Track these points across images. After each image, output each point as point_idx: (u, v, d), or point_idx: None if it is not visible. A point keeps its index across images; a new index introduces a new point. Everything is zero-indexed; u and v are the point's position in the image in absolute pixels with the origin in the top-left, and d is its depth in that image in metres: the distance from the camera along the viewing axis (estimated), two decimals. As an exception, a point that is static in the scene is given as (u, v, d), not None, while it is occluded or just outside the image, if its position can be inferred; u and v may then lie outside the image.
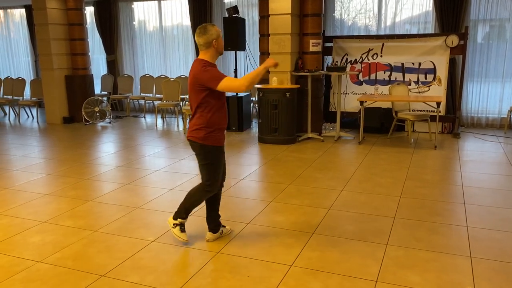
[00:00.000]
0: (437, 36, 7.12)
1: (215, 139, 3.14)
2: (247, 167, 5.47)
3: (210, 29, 3.05)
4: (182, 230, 3.32)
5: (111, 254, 3.19)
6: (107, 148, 6.66)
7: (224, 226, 3.52)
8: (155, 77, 9.63)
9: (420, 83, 7.31)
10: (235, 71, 7.83)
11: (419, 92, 7.31)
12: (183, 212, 3.31)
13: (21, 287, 2.77)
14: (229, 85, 3.00)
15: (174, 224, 3.32)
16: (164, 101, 8.57)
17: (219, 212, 3.46)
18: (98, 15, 9.96)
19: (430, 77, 7.25)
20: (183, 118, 8.33)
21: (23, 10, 11.04)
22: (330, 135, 7.13)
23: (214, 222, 3.41)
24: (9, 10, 11.42)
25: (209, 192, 3.23)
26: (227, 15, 7.47)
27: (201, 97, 3.05)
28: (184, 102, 8.94)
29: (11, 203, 4.28)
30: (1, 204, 4.24)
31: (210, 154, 3.14)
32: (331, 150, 6.29)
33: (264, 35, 7.25)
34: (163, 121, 8.93)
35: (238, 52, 7.80)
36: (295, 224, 3.69)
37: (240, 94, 7.73)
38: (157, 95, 9.37)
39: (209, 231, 3.40)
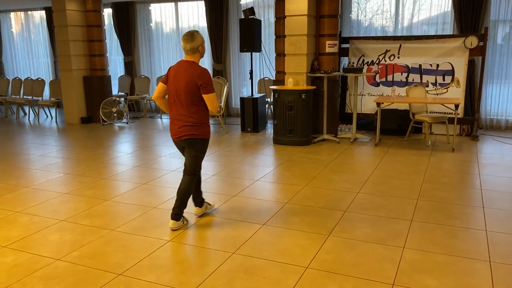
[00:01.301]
0: (456, 37, 7.03)
1: (209, 133, 3.57)
2: (262, 168, 5.47)
3: (196, 36, 3.38)
4: (185, 218, 3.74)
5: (128, 253, 3.22)
6: (124, 148, 6.73)
7: (209, 203, 4.00)
8: (171, 78, 9.69)
9: (438, 84, 7.22)
10: (251, 72, 7.85)
11: (437, 94, 7.22)
12: (183, 209, 3.66)
13: (40, 284, 2.82)
14: (210, 101, 3.39)
15: (182, 222, 3.68)
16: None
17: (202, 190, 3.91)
18: (116, 16, 10.09)
19: (448, 78, 7.15)
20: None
21: (43, 12, 11.24)
22: (346, 137, 7.09)
23: (200, 198, 3.87)
24: (29, 12, 11.65)
25: (195, 178, 3.65)
26: (243, 17, 7.50)
27: (198, 94, 3.36)
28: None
29: (31, 201, 4.36)
30: (21, 203, 4.33)
31: (206, 146, 3.58)
32: (347, 152, 6.26)
33: (280, 36, 7.25)
34: (179, 122, 8.97)
35: (254, 53, 7.82)
36: (311, 226, 3.68)
37: (256, 95, 7.74)
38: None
39: (196, 206, 3.88)
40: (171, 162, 5.82)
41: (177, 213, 3.62)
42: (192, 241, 3.42)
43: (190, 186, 3.61)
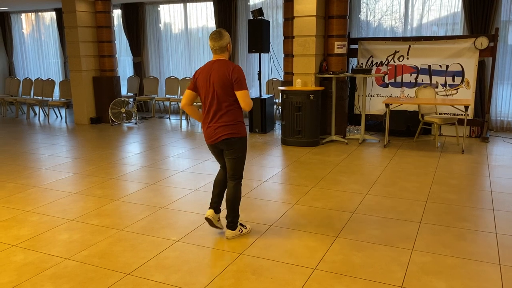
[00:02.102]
0: (466, 38, 6.97)
1: (246, 131, 3.39)
2: (270, 169, 5.47)
3: (224, 34, 3.26)
4: (244, 226, 3.57)
5: (136, 253, 3.24)
6: (132, 148, 6.77)
7: (245, 227, 3.61)
8: (180, 79, 9.75)
9: (447, 86, 7.17)
10: (259, 73, 7.85)
11: (447, 95, 7.17)
12: (237, 217, 3.49)
13: (50, 283, 2.84)
14: (244, 98, 3.22)
15: (240, 231, 3.52)
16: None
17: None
18: (125, 17, 10.15)
19: (458, 79, 7.10)
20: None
21: (53, 13, 11.35)
22: (354, 138, 7.07)
23: (219, 204, 3.59)
24: (40, 13, 11.76)
25: (241, 183, 3.46)
26: (251, 17, 7.50)
27: (233, 93, 3.22)
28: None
29: (41, 201, 4.40)
30: (31, 202, 4.37)
31: (246, 146, 3.39)
32: (355, 153, 6.23)
33: (288, 37, 7.25)
34: (188, 123, 9.02)
35: (262, 54, 7.82)
36: (319, 227, 3.67)
37: (264, 96, 7.74)
38: (181, 97, 9.47)
39: (210, 209, 3.56)
40: (179, 162, 5.84)
41: (231, 222, 3.45)
42: (200, 241, 3.43)
43: (238, 192, 3.42)
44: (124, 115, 8.89)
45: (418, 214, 3.91)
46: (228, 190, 3.45)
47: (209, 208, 3.55)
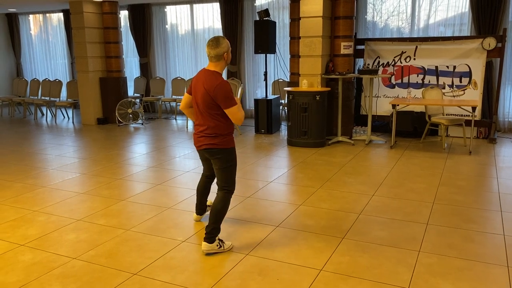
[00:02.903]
0: (473, 38, 6.93)
1: (233, 141, 3.28)
2: (276, 169, 5.47)
3: (222, 42, 3.10)
4: (223, 242, 3.30)
5: (142, 253, 3.25)
6: (139, 149, 6.80)
7: (222, 242, 3.33)
8: (186, 79, 9.77)
9: (454, 86, 7.13)
10: (265, 73, 7.85)
11: (454, 96, 7.13)
12: (217, 231, 3.25)
13: (57, 282, 2.86)
14: (234, 114, 3.12)
15: (218, 246, 3.23)
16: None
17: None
18: (132, 19, 10.20)
19: (465, 80, 7.06)
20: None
21: (61, 14, 11.42)
22: (360, 139, 7.05)
23: (203, 206, 3.81)
24: (47, 15, 11.84)
25: (231, 193, 3.30)
26: (258, 18, 7.51)
27: (217, 105, 3.11)
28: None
29: (48, 201, 4.43)
30: (38, 202, 4.40)
31: (230, 156, 3.24)
32: (361, 154, 6.21)
33: (294, 37, 7.25)
34: (194, 123, 9.03)
35: (268, 55, 7.82)
36: (325, 228, 3.66)
37: (270, 97, 7.74)
38: (188, 97, 9.49)
39: (197, 214, 3.82)
40: (186, 163, 5.86)
41: (209, 233, 3.21)
42: (206, 242, 3.43)
43: (224, 204, 3.25)
44: (130, 115, 8.93)
45: (425, 216, 3.89)
46: (215, 199, 3.28)
47: (196, 213, 3.83)
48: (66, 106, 9.88)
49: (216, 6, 9.47)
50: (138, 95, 10.26)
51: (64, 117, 10.18)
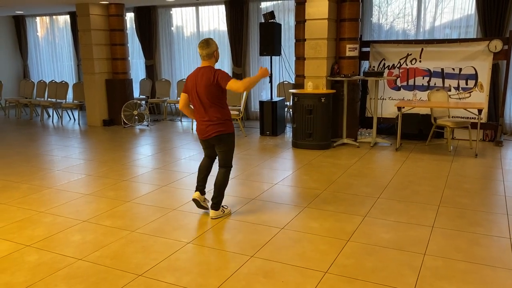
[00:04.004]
0: (480, 40, 6.91)
1: (233, 127, 3.86)
2: (281, 171, 5.47)
3: (212, 43, 3.74)
4: (224, 207, 4.02)
5: (148, 255, 3.26)
6: (144, 150, 6.82)
7: (226, 207, 4.09)
8: (191, 81, 9.78)
9: (460, 89, 7.11)
10: (270, 76, 7.86)
11: (460, 98, 7.11)
12: (221, 199, 3.94)
13: (63, 283, 2.88)
14: (232, 85, 3.61)
15: (222, 211, 3.96)
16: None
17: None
18: (138, 21, 10.25)
19: (471, 83, 7.03)
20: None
21: (67, 17, 11.50)
22: (366, 141, 7.03)
23: (203, 187, 4.08)
24: (54, 17, 11.93)
25: (231, 168, 3.96)
26: (263, 20, 7.52)
27: (217, 94, 3.68)
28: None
29: (54, 202, 4.46)
30: (45, 203, 4.43)
31: (233, 139, 3.87)
32: (367, 156, 6.20)
33: (300, 40, 7.25)
34: (199, 125, 9.05)
35: (273, 57, 7.83)
36: (330, 230, 3.66)
37: (275, 99, 7.75)
38: (193, 99, 9.52)
39: (197, 191, 4.05)
40: (191, 164, 5.87)
41: (216, 203, 3.91)
42: (211, 243, 3.44)
43: (226, 177, 3.90)
44: (136, 117, 8.97)
45: (431, 218, 3.88)
46: (218, 175, 3.91)
47: (195, 190, 4.04)
48: (72, 107, 9.93)
49: (222, 8, 9.49)
50: (144, 97, 10.29)
51: (70, 118, 10.24)
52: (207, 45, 3.71)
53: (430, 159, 5.99)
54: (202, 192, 4.06)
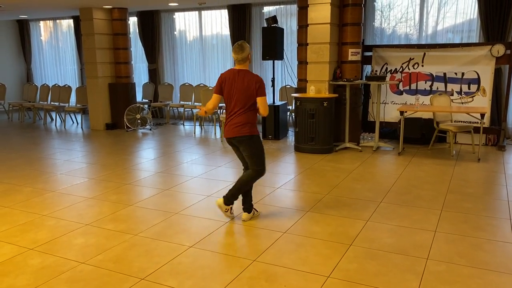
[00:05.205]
0: (482, 45, 6.91)
1: (257, 131, 3.87)
2: (283, 175, 5.47)
3: (245, 47, 3.74)
4: (232, 212, 4.02)
5: (150, 258, 3.26)
6: (147, 154, 6.83)
7: (256, 210, 4.11)
8: (194, 85, 9.82)
9: (463, 93, 7.11)
10: (273, 80, 7.87)
11: (462, 103, 7.10)
12: (233, 197, 3.90)
13: (66, 287, 2.88)
14: (266, 102, 3.77)
15: (226, 209, 3.96)
16: (203, 109, 8.72)
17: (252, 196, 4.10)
18: (141, 25, 10.29)
19: (474, 87, 7.03)
20: (220, 126, 8.44)
21: (71, 21, 11.55)
22: (368, 145, 7.03)
23: (249, 203, 4.03)
24: (58, 21, 11.99)
25: (261, 174, 3.89)
26: (266, 25, 7.55)
27: (252, 99, 3.72)
28: (221, 110, 9.05)
29: (57, 205, 4.47)
30: (48, 206, 4.44)
31: (258, 142, 3.84)
32: (369, 160, 6.20)
33: (302, 44, 7.27)
34: (201, 129, 9.08)
35: (276, 61, 7.85)
36: (332, 235, 3.66)
37: (277, 103, 7.76)
38: (196, 103, 9.55)
39: (245, 212, 4.03)
40: (193, 168, 5.88)
41: (227, 196, 3.90)
42: (214, 247, 3.44)
43: (250, 179, 3.87)
44: (139, 121, 8.99)
45: (433, 223, 3.87)
46: (244, 173, 3.92)
47: (244, 211, 4.04)
48: (75, 111, 9.96)
49: (224, 12, 9.53)
50: (147, 100, 10.32)
51: (73, 122, 10.27)
52: (242, 50, 3.71)
53: (432, 163, 5.98)
54: (249, 211, 4.03)
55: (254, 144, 3.80)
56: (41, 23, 12.25)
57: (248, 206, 4.03)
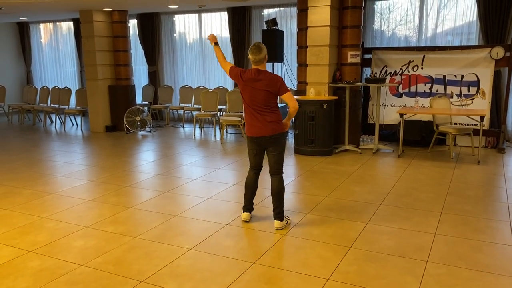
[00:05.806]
0: (482, 47, 6.92)
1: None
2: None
3: (262, 47, 3.73)
4: (288, 218, 4.00)
5: (150, 261, 3.26)
6: (147, 156, 6.83)
7: (288, 218, 4.04)
8: (194, 88, 9.83)
9: (462, 96, 7.11)
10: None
11: (462, 105, 7.11)
12: (283, 208, 3.87)
13: (65, 289, 2.88)
14: (292, 96, 3.74)
15: (286, 221, 3.91)
16: (202, 111, 8.73)
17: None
18: (141, 27, 10.30)
19: (473, 89, 7.04)
20: (220, 128, 8.44)
21: (71, 23, 11.56)
22: (368, 148, 7.03)
23: (251, 203, 4.07)
24: (58, 23, 12.00)
25: (282, 176, 3.91)
26: (265, 28, 7.56)
27: (275, 98, 3.75)
28: (221, 112, 9.06)
29: (57, 207, 4.47)
30: (47, 209, 4.43)
31: (285, 141, 3.78)
32: (369, 162, 6.20)
33: (302, 46, 7.27)
34: (201, 131, 9.08)
35: (275, 63, 7.86)
36: (332, 237, 3.65)
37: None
38: (195, 106, 9.55)
39: (245, 211, 4.06)
40: (193, 170, 5.88)
41: (279, 212, 3.84)
42: (213, 250, 3.44)
43: (281, 184, 3.87)
44: (139, 123, 8.99)
45: (433, 225, 3.87)
46: (273, 184, 3.86)
47: (244, 211, 4.04)
48: (75, 113, 9.96)
49: (224, 15, 9.54)
50: (146, 103, 10.32)
51: (73, 124, 10.27)
52: (260, 51, 3.70)
53: (432, 165, 5.98)
54: (251, 210, 4.07)
55: (283, 142, 3.86)
56: (41, 25, 12.26)
57: (249, 207, 4.06)
